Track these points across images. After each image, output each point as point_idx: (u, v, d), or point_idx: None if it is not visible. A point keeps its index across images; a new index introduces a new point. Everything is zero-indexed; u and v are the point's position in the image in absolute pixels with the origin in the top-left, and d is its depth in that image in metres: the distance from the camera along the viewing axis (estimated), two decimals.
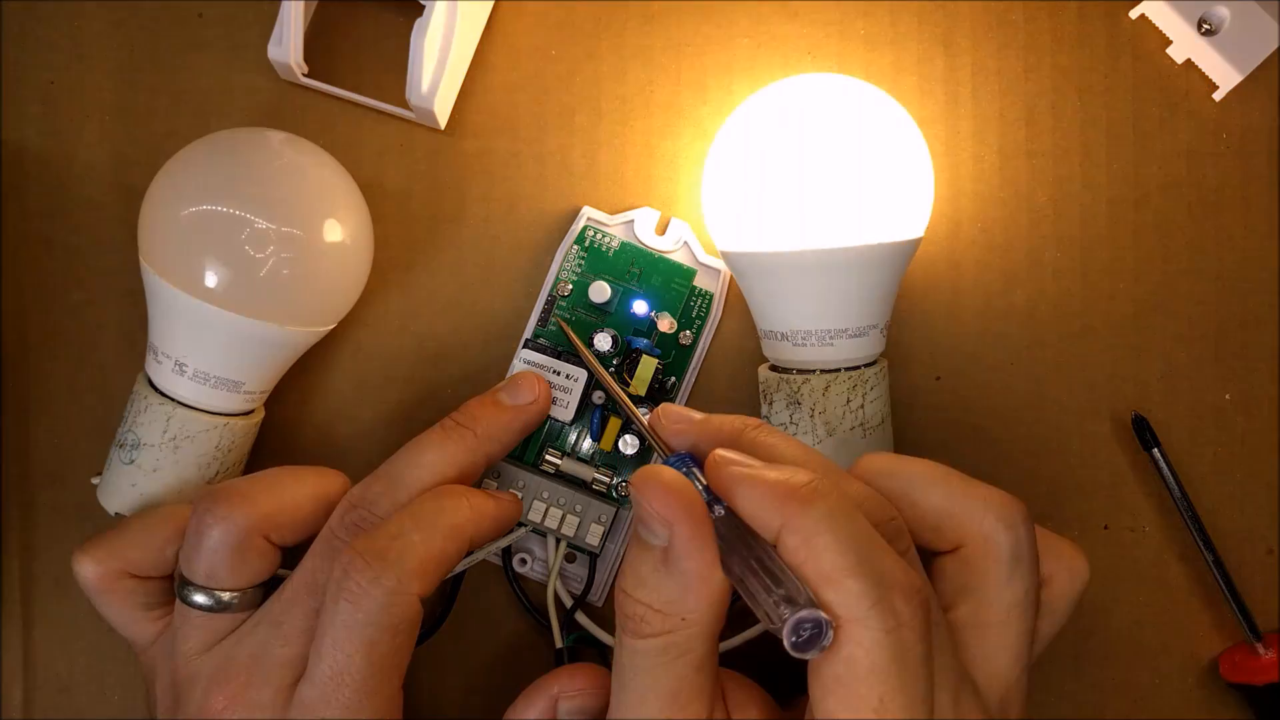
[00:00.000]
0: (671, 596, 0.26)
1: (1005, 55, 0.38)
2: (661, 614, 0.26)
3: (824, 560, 0.24)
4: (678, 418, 0.31)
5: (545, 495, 0.36)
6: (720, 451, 0.27)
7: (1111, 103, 0.38)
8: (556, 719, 0.32)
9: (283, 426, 0.37)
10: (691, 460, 0.29)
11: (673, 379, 0.36)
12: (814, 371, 0.33)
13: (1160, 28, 0.38)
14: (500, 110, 0.38)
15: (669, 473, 0.27)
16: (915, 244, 0.34)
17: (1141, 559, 0.38)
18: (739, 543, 0.26)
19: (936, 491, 0.29)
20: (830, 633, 0.24)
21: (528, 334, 0.37)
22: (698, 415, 0.31)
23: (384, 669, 0.29)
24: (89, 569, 0.32)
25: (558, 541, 0.36)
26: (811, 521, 0.25)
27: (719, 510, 0.26)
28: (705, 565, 0.26)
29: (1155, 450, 0.37)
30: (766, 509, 0.25)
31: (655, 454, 0.31)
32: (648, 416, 0.32)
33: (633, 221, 0.37)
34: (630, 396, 0.36)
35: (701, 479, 0.27)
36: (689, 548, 0.26)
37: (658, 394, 0.36)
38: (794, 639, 0.24)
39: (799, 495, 0.25)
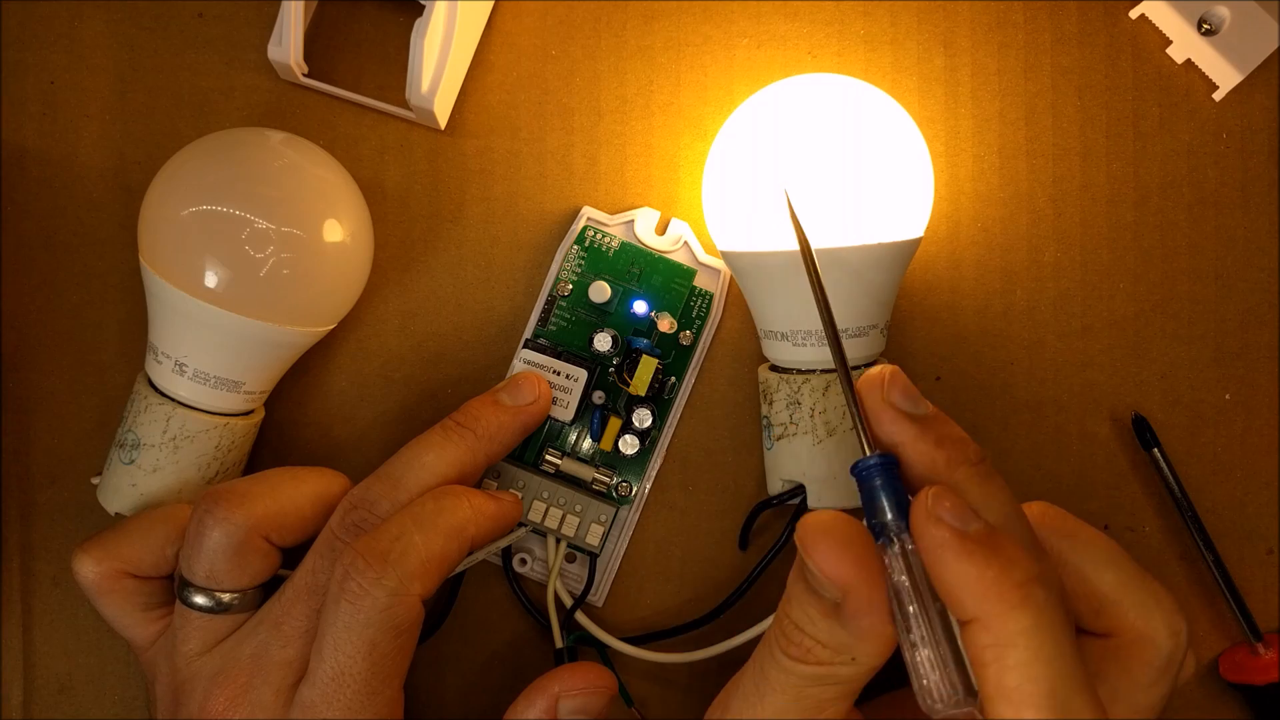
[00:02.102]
0: (843, 642, 0.25)
1: (1005, 55, 0.38)
2: (831, 650, 0.25)
3: (1009, 677, 0.22)
4: (905, 397, 0.27)
5: (545, 495, 0.36)
6: (934, 498, 0.24)
7: (1111, 102, 0.38)
8: (557, 718, 0.32)
9: (283, 426, 0.37)
10: (890, 467, 0.26)
11: (673, 379, 0.36)
12: (814, 371, 0.33)
13: (1160, 28, 0.38)
14: (500, 110, 0.38)
15: (841, 527, 0.25)
16: (915, 244, 0.34)
17: (1142, 559, 0.38)
18: (921, 586, 0.24)
19: (1110, 574, 0.28)
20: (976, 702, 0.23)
21: (528, 334, 0.37)
22: (927, 408, 0.27)
23: (386, 670, 0.29)
24: (89, 568, 0.32)
25: (558, 541, 0.36)
26: (1013, 631, 0.23)
27: (909, 544, 0.24)
28: (880, 622, 0.24)
29: (1155, 450, 0.37)
30: (969, 593, 0.23)
31: (857, 433, 0.27)
32: (859, 377, 0.27)
33: (633, 221, 0.37)
34: (629, 397, 0.36)
35: (893, 492, 0.25)
36: (864, 608, 0.24)
37: (657, 394, 0.36)
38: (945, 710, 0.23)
39: (1009, 595, 0.23)
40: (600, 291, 0.36)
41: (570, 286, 0.37)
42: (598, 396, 0.36)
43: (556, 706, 0.32)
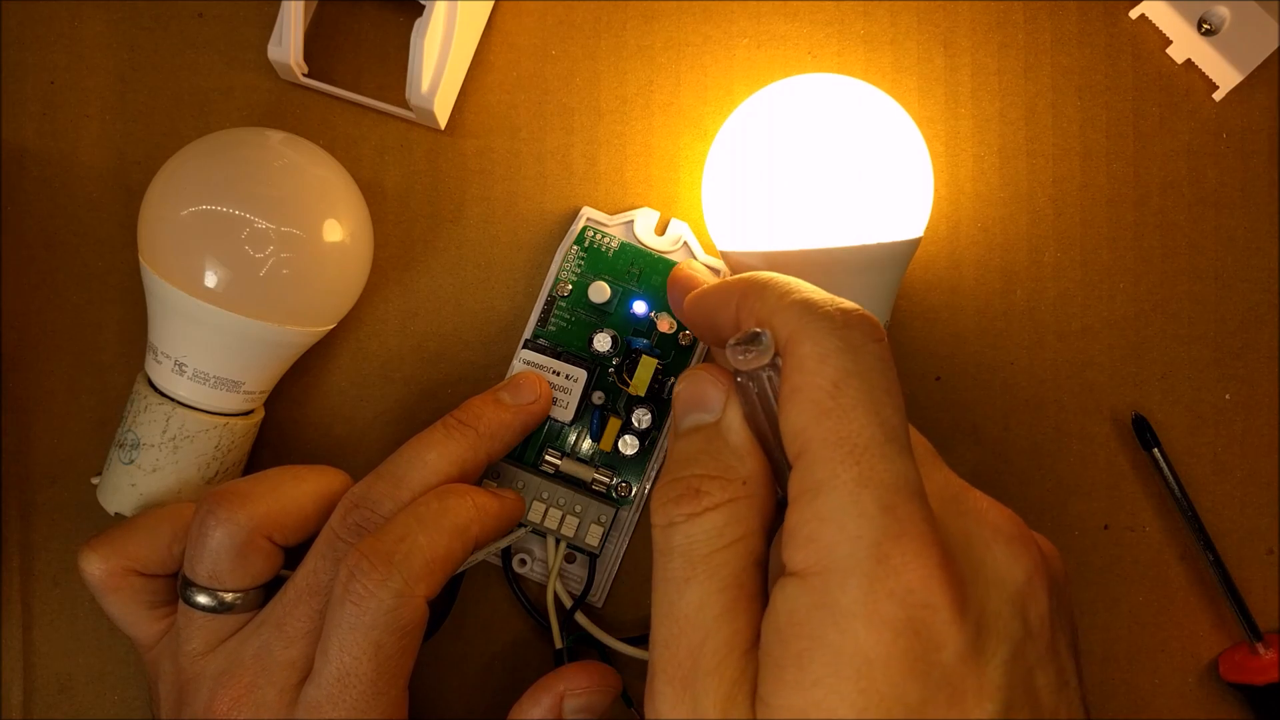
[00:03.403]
0: (730, 463, 0.25)
1: (1005, 55, 0.38)
2: (722, 479, 0.25)
3: (771, 298, 0.25)
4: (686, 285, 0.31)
5: (545, 496, 0.36)
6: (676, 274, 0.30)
7: (1112, 102, 0.38)
8: (562, 718, 0.32)
9: (283, 426, 0.37)
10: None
11: (672, 380, 0.36)
12: None
13: (1160, 28, 0.38)
14: (500, 110, 0.38)
15: (711, 364, 0.27)
16: (915, 244, 0.34)
17: (1141, 559, 0.38)
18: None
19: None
20: (769, 337, 0.24)
21: (528, 334, 0.37)
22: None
23: (390, 671, 0.29)
24: (95, 566, 0.32)
25: (557, 542, 0.36)
26: (761, 284, 0.26)
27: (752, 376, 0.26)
28: (753, 435, 0.26)
29: (1155, 450, 0.37)
30: (727, 293, 0.27)
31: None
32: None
33: (632, 221, 0.37)
34: (629, 397, 0.36)
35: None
36: (739, 416, 0.26)
37: (657, 395, 0.36)
38: (739, 353, 0.24)
39: (752, 279, 0.26)
40: (600, 292, 0.36)
41: (570, 287, 0.37)
42: (597, 397, 0.36)
43: (561, 705, 0.32)
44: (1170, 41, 0.38)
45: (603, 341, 0.36)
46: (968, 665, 0.22)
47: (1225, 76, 0.38)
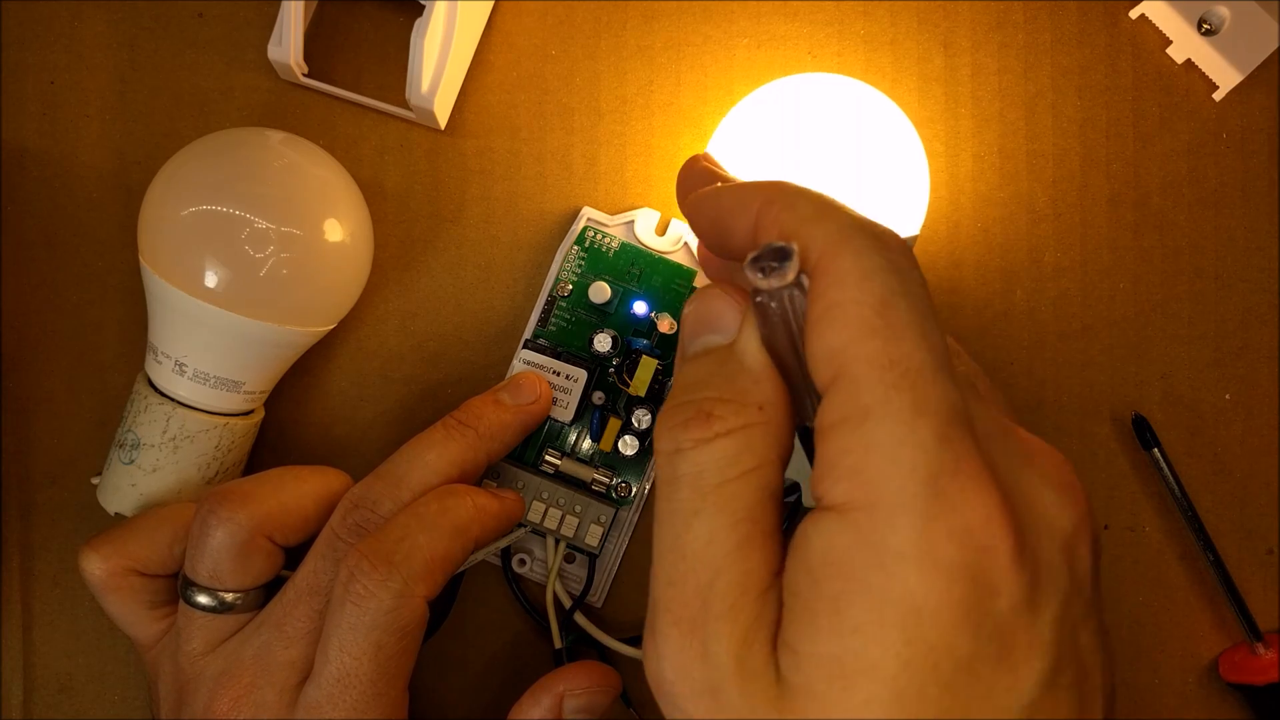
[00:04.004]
0: (745, 386, 0.23)
1: (1005, 55, 0.38)
2: (736, 403, 0.22)
3: (804, 209, 0.22)
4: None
5: (545, 496, 0.36)
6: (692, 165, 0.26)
7: (1111, 102, 0.38)
8: (562, 718, 0.32)
9: (283, 426, 0.37)
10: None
11: (672, 380, 0.36)
12: None
13: (1160, 28, 0.38)
14: (500, 110, 0.38)
15: (715, 290, 0.25)
16: (912, 241, 0.34)
17: (1141, 559, 0.38)
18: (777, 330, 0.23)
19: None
20: (796, 252, 0.21)
21: (528, 334, 0.37)
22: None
23: (391, 671, 0.29)
24: (96, 565, 0.32)
25: (557, 542, 0.36)
26: (793, 192, 0.23)
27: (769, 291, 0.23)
28: (770, 358, 0.23)
29: (1155, 450, 0.37)
30: (747, 196, 0.24)
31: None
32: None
33: (633, 222, 0.37)
34: (629, 398, 0.36)
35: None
36: (756, 337, 0.23)
37: (657, 395, 0.36)
38: (761, 268, 0.22)
39: (781, 185, 0.24)
40: (600, 292, 0.36)
41: (570, 287, 0.37)
42: (597, 397, 0.36)
43: (561, 705, 0.32)
44: (1170, 41, 0.38)
45: (603, 342, 0.36)
46: (1021, 617, 0.20)
47: (1225, 76, 0.38)
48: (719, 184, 0.26)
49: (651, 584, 0.23)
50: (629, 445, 0.36)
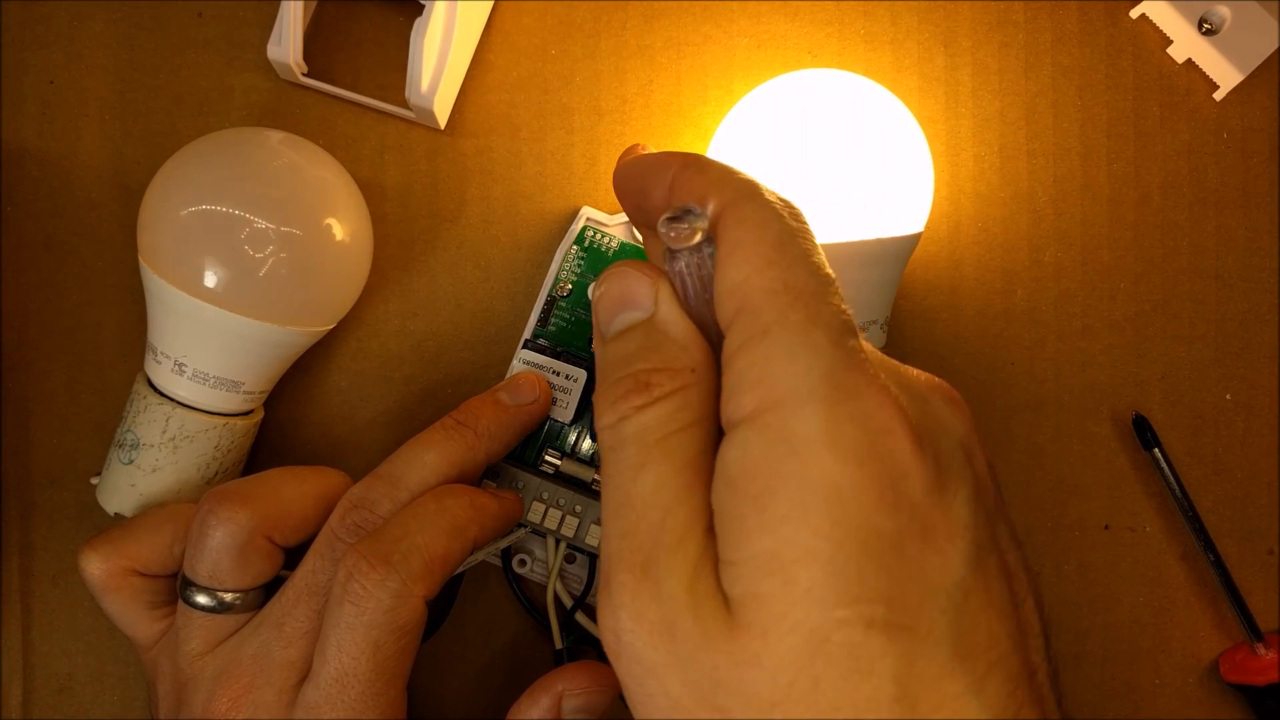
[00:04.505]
0: (674, 353, 0.24)
1: (1006, 54, 0.38)
2: (669, 370, 0.24)
3: (714, 173, 0.25)
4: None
5: (545, 496, 0.36)
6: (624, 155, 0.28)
7: (1112, 102, 0.38)
8: (561, 718, 0.32)
9: (283, 426, 0.37)
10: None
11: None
12: None
13: (1161, 27, 0.38)
14: (500, 110, 0.38)
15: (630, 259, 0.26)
16: (915, 240, 0.34)
17: (1142, 559, 0.38)
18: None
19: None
20: (703, 212, 0.23)
21: (527, 334, 0.37)
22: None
23: (389, 671, 0.29)
24: (96, 565, 0.32)
25: (557, 542, 0.36)
26: (701, 160, 0.25)
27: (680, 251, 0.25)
28: (691, 322, 0.25)
29: (1156, 450, 0.37)
30: (664, 161, 0.26)
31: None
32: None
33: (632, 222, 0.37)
34: None
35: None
36: (675, 306, 0.24)
37: None
38: (673, 227, 0.23)
39: (692, 154, 0.26)
40: None
41: (570, 287, 0.37)
42: None
43: (560, 705, 0.32)
44: (1171, 41, 0.38)
45: None
46: (933, 499, 0.21)
47: (1226, 76, 0.38)
48: (640, 155, 0.28)
49: (602, 548, 0.23)
50: None
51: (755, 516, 0.21)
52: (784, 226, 0.23)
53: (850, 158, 0.32)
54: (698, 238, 0.24)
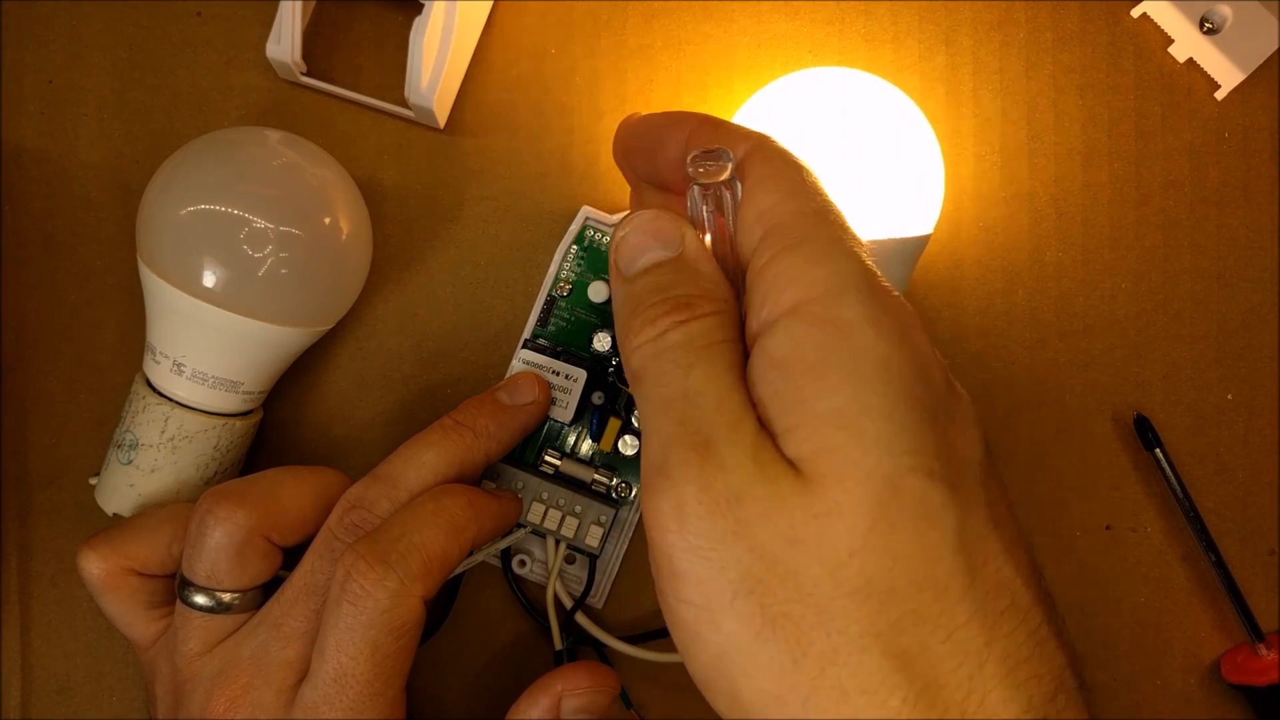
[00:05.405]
0: (708, 284, 0.25)
1: (1007, 54, 0.38)
2: (708, 296, 0.25)
3: (733, 129, 0.26)
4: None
5: (544, 496, 0.36)
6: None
7: (1113, 101, 0.38)
8: (560, 718, 0.32)
9: (281, 426, 0.37)
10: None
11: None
12: None
13: (1162, 26, 0.38)
14: (499, 109, 0.37)
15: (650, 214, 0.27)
16: (924, 241, 0.33)
17: (1143, 559, 0.38)
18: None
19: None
20: (730, 155, 0.25)
21: (527, 334, 0.37)
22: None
23: (388, 671, 0.29)
24: (94, 565, 0.32)
25: (557, 543, 0.36)
26: (719, 119, 0.27)
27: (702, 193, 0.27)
28: (715, 260, 0.26)
29: (1157, 450, 0.37)
30: (682, 118, 0.27)
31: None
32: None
33: None
34: (629, 398, 0.36)
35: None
36: (702, 244, 0.26)
37: None
38: (703, 163, 0.25)
39: (710, 115, 0.27)
40: (600, 291, 0.36)
41: (569, 286, 0.36)
42: (597, 397, 0.36)
43: (560, 705, 0.32)
44: (1172, 40, 0.38)
45: (602, 341, 0.36)
46: (951, 390, 0.24)
47: (1227, 75, 0.37)
48: (645, 114, 0.29)
49: (651, 444, 0.24)
50: (629, 445, 0.36)
51: (813, 385, 0.22)
52: (804, 168, 0.25)
53: (862, 157, 0.32)
54: (726, 173, 0.25)
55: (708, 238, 0.26)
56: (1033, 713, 0.21)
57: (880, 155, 0.32)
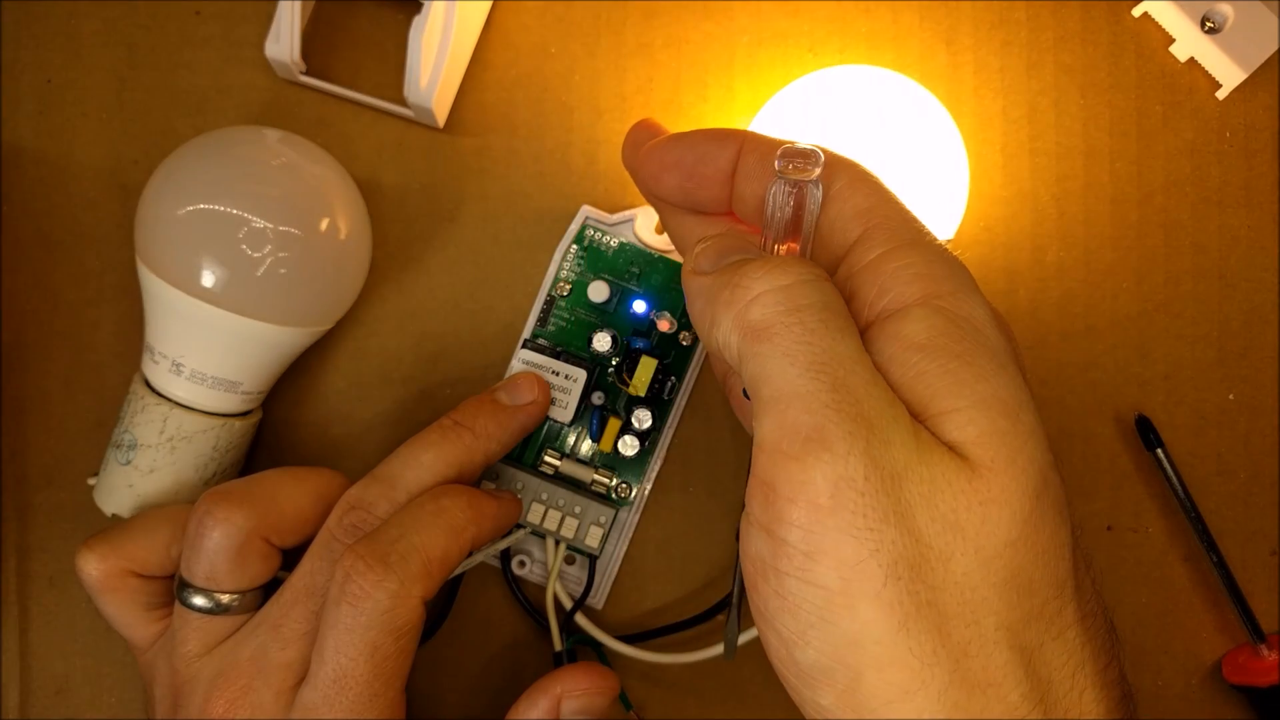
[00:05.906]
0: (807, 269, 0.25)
1: (1008, 53, 0.38)
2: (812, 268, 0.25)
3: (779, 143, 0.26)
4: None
5: (544, 497, 0.36)
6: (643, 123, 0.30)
7: (1114, 101, 0.38)
8: (560, 719, 0.32)
9: (280, 426, 0.37)
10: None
11: (672, 379, 0.36)
12: None
13: (1163, 25, 0.38)
14: (499, 108, 0.37)
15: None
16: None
17: (1145, 560, 0.38)
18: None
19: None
20: (821, 158, 0.25)
21: (526, 334, 0.37)
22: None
23: (387, 673, 0.29)
24: (93, 566, 0.32)
25: (557, 543, 0.36)
26: (767, 136, 0.27)
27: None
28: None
29: (1159, 451, 0.37)
30: (724, 136, 0.27)
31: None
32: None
33: (632, 220, 0.37)
34: (629, 398, 0.36)
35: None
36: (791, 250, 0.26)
37: (657, 394, 0.36)
38: (793, 159, 0.25)
39: (755, 132, 0.28)
40: (599, 291, 0.36)
41: (569, 286, 0.36)
42: (597, 397, 0.36)
43: (559, 707, 0.32)
44: (1173, 40, 0.38)
45: (602, 341, 0.36)
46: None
47: (1228, 75, 0.37)
48: (678, 132, 0.28)
49: (790, 406, 0.22)
50: (629, 446, 0.36)
51: (967, 369, 0.22)
52: (880, 179, 0.26)
53: (889, 161, 0.31)
54: (817, 172, 0.25)
55: (783, 248, 0.26)
56: (1115, 713, 0.22)
57: (909, 161, 0.32)
